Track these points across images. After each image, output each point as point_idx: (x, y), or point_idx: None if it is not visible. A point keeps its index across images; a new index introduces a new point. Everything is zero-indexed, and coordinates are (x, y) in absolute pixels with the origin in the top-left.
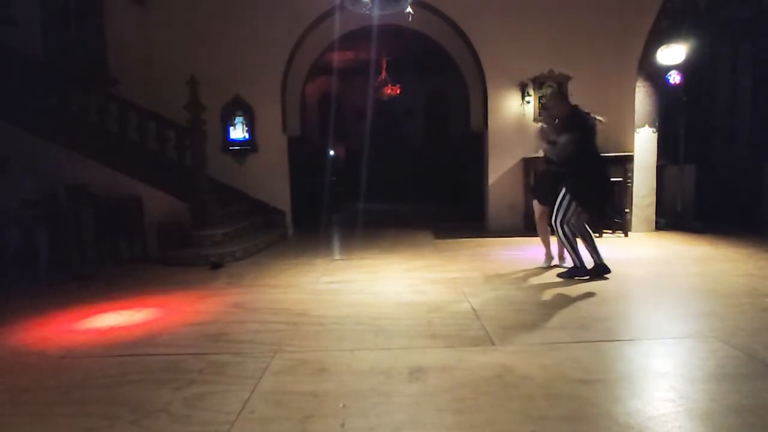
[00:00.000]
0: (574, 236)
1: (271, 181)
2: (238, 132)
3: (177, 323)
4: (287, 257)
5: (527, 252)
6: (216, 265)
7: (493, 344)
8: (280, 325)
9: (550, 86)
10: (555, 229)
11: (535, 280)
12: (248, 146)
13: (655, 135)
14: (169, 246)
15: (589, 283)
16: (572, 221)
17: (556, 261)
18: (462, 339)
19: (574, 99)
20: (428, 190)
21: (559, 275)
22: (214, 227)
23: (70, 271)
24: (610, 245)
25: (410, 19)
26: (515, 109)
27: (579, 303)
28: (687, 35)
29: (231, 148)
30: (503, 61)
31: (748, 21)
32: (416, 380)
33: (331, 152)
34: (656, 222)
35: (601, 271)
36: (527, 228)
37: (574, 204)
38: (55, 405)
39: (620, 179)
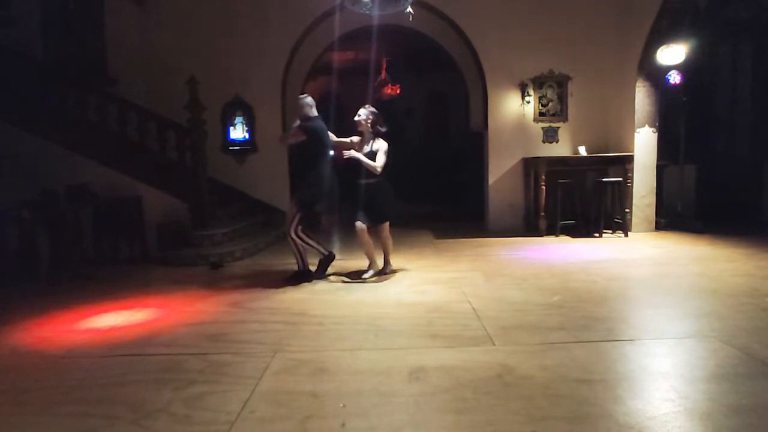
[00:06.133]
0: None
1: (271, 181)
2: (238, 132)
3: (177, 323)
4: (287, 257)
5: (527, 252)
6: (216, 265)
7: (493, 344)
8: (279, 325)
9: (551, 86)
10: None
11: (535, 281)
12: (248, 146)
13: (655, 135)
14: (169, 246)
15: (588, 284)
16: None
17: (382, 269)
18: (462, 339)
19: (575, 99)
20: (428, 190)
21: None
22: (213, 227)
23: (70, 271)
24: (610, 245)
25: (410, 19)
26: (515, 109)
27: (579, 303)
28: (687, 35)
29: (231, 148)
30: (503, 61)
31: (748, 21)
32: (416, 380)
33: (331, 152)
34: (656, 222)
35: (308, 276)
36: (527, 228)
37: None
38: (55, 405)
39: (620, 179)
